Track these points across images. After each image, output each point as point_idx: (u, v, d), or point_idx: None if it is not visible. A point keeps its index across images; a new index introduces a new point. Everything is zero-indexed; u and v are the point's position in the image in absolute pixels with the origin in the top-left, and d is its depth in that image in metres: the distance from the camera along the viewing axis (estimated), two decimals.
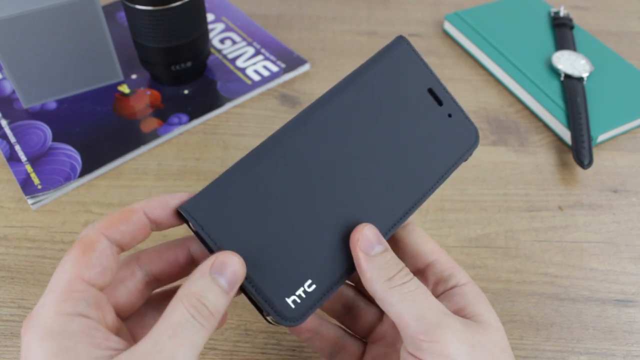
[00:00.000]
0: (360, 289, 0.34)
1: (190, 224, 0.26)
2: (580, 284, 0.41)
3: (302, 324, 0.28)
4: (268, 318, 0.28)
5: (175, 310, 0.23)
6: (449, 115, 0.30)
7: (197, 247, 0.29)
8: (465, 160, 0.30)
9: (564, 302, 0.40)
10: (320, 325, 0.33)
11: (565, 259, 0.43)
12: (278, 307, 0.27)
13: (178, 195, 0.27)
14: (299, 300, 0.27)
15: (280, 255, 0.27)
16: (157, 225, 0.27)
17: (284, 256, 0.27)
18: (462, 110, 0.30)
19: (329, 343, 0.33)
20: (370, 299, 0.34)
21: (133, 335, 0.28)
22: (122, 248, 0.26)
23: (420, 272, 0.31)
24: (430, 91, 0.30)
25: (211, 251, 0.27)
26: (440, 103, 0.30)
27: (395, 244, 0.31)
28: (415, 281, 0.27)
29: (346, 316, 0.34)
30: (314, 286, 0.27)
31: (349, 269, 0.28)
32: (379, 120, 0.29)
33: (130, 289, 0.28)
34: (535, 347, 0.38)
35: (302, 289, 0.27)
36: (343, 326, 0.34)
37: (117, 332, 0.25)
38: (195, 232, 0.27)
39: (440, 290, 0.30)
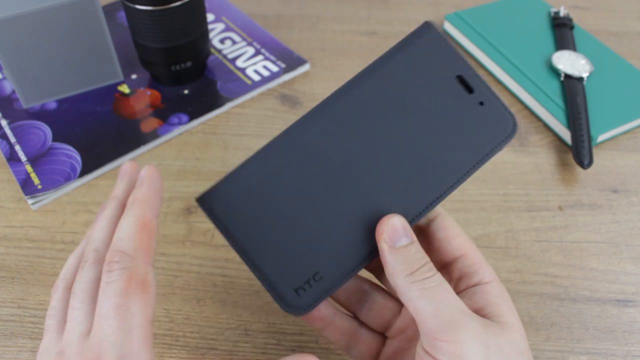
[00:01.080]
0: (378, 283, 0.34)
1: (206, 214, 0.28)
2: (580, 284, 0.41)
3: (308, 313, 0.28)
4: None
5: None
6: (481, 104, 0.29)
7: None
8: (500, 149, 0.29)
9: (564, 302, 0.40)
10: (334, 316, 0.32)
11: (565, 259, 0.43)
12: (283, 295, 0.27)
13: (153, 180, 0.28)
14: (305, 291, 0.27)
15: (291, 245, 0.28)
16: None
17: (295, 247, 0.28)
18: (497, 99, 0.29)
19: (344, 334, 0.33)
20: (388, 293, 0.33)
21: None
22: None
23: (447, 267, 0.30)
24: (460, 78, 0.29)
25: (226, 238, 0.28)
26: (470, 91, 0.29)
27: (424, 237, 0.31)
28: (438, 277, 0.26)
29: (362, 310, 0.33)
30: (321, 278, 0.28)
31: (360, 262, 0.28)
32: (403, 110, 0.29)
33: None
34: (535, 347, 0.38)
35: (309, 279, 0.27)
36: (360, 319, 0.34)
37: None
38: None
39: (463, 286, 0.29)
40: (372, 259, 0.28)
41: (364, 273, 0.35)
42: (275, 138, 0.28)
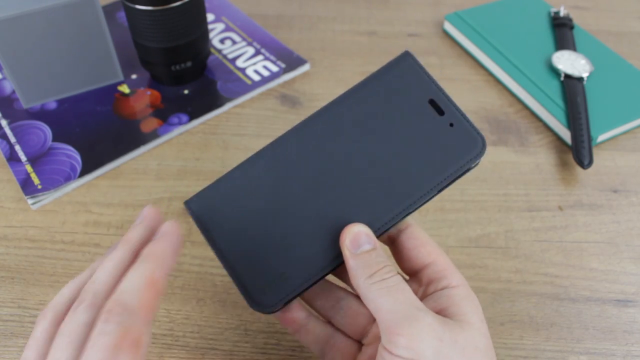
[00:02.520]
0: (352, 291, 0.34)
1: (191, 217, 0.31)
2: (580, 284, 0.41)
3: (274, 312, 0.30)
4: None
5: None
6: (451, 125, 0.31)
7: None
8: (470, 169, 0.31)
9: (564, 302, 0.40)
10: (308, 319, 0.33)
11: (565, 259, 0.43)
12: (250, 292, 0.30)
13: (169, 245, 0.27)
14: (271, 289, 0.29)
15: (263, 248, 0.30)
16: None
17: (266, 249, 0.30)
18: (467, 121, 0.31)
19: (318, 340, 0.33)
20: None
21: None
22: None
23: (417, 274, 0.31)
24: (432, 102, 0.31)
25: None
26: (441, 113, 0.31)
27: (395, 247, 0.32)
28: (396, 278, 0.28)
29: (337, 316, 0.33)
30: (287, 278, 0.30)
31: (326, 266, 0.30)
32: (378, 129, 0.31)
33: None
34: (535, 347, 0.38)
35: (275, 279, 0.29)
36: (335, 326, 0.34)
37: None
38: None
39: (431, 290, 0.30)
40: (338, 264, 0.30)
41: (339, 281, 0.35)
42: (258, 152, 0.31)
